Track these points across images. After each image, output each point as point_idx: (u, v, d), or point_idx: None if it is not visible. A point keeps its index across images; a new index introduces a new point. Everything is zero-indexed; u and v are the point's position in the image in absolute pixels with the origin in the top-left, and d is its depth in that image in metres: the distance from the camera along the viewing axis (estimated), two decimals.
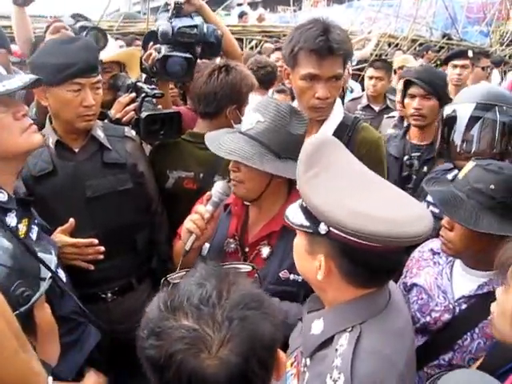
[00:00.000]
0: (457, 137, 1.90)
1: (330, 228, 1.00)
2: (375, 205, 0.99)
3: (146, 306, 2.03)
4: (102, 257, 1.76)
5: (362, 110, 3.93)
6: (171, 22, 2.13)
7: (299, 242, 1.12)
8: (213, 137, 1.57)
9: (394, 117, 3.41)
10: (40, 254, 1.32)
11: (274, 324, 0.82)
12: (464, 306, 1.45)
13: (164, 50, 2.11)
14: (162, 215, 2.10)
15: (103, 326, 1.60)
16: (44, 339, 1.22)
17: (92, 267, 1.76)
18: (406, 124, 3.03)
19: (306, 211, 1.05)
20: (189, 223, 1.54)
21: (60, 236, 1.70)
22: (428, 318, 1.50)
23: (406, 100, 2.57)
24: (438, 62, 7.59)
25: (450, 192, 1.43)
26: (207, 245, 1.63)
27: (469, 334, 1.42)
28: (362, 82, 4.73)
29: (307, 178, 1.04)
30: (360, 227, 0.95)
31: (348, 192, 1.02)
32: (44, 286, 1.10)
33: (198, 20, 2.18)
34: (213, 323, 0.76)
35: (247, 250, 1.58)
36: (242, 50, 7.10)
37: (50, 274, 1.13)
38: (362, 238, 0.96)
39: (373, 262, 1.02)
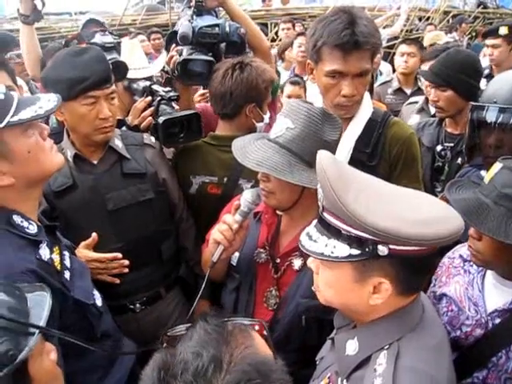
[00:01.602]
0: (487, 142, 1.77)
1: (391, 246, 0.95)
2: (420, 210, 0.98)
3: (175, 314, 2.05)
4: (126, 270, 1.74)
5: (393, 95, 3.73)
6: (192, 22, 2.08)
7: (340, 275, 1.03)
8: (239, 144, 1.48)
9: (414, 103, 3.18)
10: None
11: None
12: (498, 321, 1.32)
13: (185, 52, 2.06)
14: (188, 221, 2.05)
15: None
16: None
17: (118, 281, 1.74)
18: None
19: (352, 239, 0.98)
20: (216, 234, 1.47)
21: (83, 252, 1.67)
22: (458, 333, 1.39)
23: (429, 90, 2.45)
24: (473, 34, 7.22)
25: (476, 199, 1.30)
26: (237, 254, 1.57)
27: (504, 351, 1.30)
28: (392, 63, 4.52)
29: (351, 202, 0.96)
30: (424, 235, 0.93)
31: (394, 203, 0.99)
32: (33, 340, 0.95)
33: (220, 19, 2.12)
34: None
35: (278, 261, 1.51)
36: (267, 35, 6.97)
37: (37, 331, 0.97)
38: (424, 245, 0.95)
39: (422, 266, 1.01)
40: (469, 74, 2.30)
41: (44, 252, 1.33)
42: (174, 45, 2.12)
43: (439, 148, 2.34)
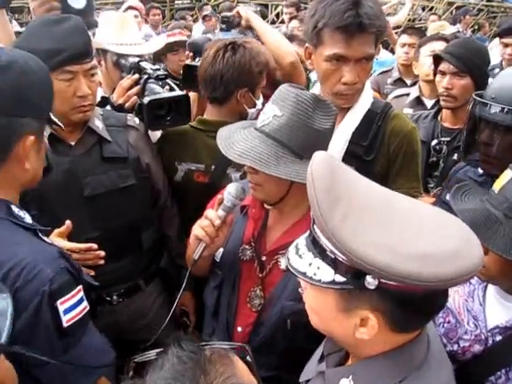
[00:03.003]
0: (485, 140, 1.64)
1: (382, 280, 0.80)
2: (423, 240, 0.81)
3: (155, 307, 1.95)
4: (102, 262, 1.62)
5: (393, 85, 3.60)
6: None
7: (324, 301, 0.89)
8: (225, 133, 1.36)
9: (405, 95, 3.05)
10: None
11: None
12: (499, 338, 1.22)
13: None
14: (172, 209, 1.94)
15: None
16: None
17: (92, 273, 1.62)
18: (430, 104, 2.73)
19: (338, 264, 0.83)
20: (198, 230, 1.37)
21: (56, 240, 1.55)
22: (455, 347, 1.28)
23: (437, 78, 2.28)
24: (476, 27, 7.10)
25: (484, 211, 1.17)
26: (221, 249, 1.46)
27: (504, 371, 1.19)
28: (393, 52, 4.40)
29: (337, 223, 0.81)
30: (419, 275, 0.77)
31: (390, 230, 0.82)
32: None
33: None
34: None
35: (264, 258, 1.40)
36: (267, 17, 6.79)
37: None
38: (423, 283, 0.78)
39: (421, 305, 0.85)
40: (485, 64, 2.19)
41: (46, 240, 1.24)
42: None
43: (434, 142, 2.23)
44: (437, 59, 2.28)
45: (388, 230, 0.82)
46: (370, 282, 0.80)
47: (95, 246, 1.59)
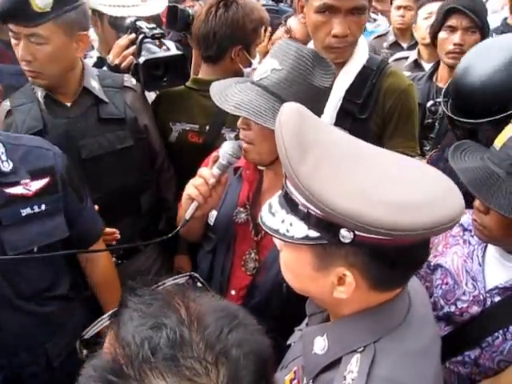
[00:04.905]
0: None
1: (357, 232, 0.75)
2: (401, 188, 0.77)
3: (154, 269, 1.97)
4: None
5: (389, 49, 3.51)
6: None
7: (299, 259, 0.85)
8: (219, 87, 1.32)
9: (404, 58, 2.93)
10: None
11: (259, 332, 0.65)
12: (497, 299, 1.21)
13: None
14: (169, 171, 1.94)
15: None
16: None
17: None
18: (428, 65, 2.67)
19: (312, 218, 0.78)
20: (191, 188, 1.33)
21: None
22: (453, 308, 1.28)
23: (442, 34, 2.17)
24: None
25: (485, 169, 1.13)
26: (214, 212, 1.44)
27: (501, 331, 1.20)
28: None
29: (307, 173, 0.75)
30: (395, 224, 0.72)
31: (364, 179, 0.77)
32: None
33: None
34: (204, 368, 0.55)
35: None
36: None
37: None
38: (400, 235, 0.73)
39: (401, 260, 0.80)
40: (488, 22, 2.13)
41: None
42: None
43: (430, 103, 2.15)
44: (446, 14, 2.16)
45: (365, 177, 0.77)
46: (345, 235, 0.76)
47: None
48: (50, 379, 1.37)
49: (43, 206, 1.32)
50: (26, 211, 1.29)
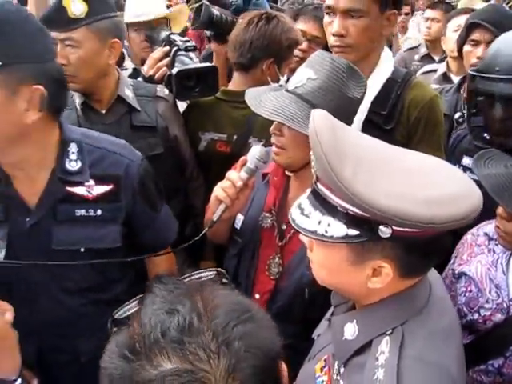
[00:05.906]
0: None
1: (394, 227, 0.83)
2: (433, 186, 0.85)
3: (180, 273, 2.01)
4: None
5: (421, 61, 3.52)
6: None
7: (335, 256, 0.91)
8: (254, 93, 1.37)
9: (432, 71, 2.95)
10: None
11: (271, 331, 0.69)
12: None
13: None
14: (198, 180, 1.99)
15: None
16: None
17: None
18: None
19: (351, 217, 0.85)
20: (219, 191, 1.38)
21: None
22: (476, 316, 1.30)
23: (467, 47, 2.20)
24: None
25: (508, 175, 1.16)
26: (241, 217, 1.48)
27: None
28: None
29: (349, 177, 0.82)
30: (434, 217, 0.81)
31: (401, 179, 0.85)
32: None
33: None
34: (207, 355, 0.59)
35: (284, 227, 1.42)
36: None
37: None
38: (436, 227, 0.82)
39: (430, 249, 0.89)
40: None
41: None
42: None
43: (457, 115, 2.16)
44: (469, 28, 2.19)
45: (399, 177, 0.85)
46: (384, 231, 0.83)
47: None
48: (79, 372, 1.38)
49: (99, 212, 1.32)
50: (80, 212, 1.30)
